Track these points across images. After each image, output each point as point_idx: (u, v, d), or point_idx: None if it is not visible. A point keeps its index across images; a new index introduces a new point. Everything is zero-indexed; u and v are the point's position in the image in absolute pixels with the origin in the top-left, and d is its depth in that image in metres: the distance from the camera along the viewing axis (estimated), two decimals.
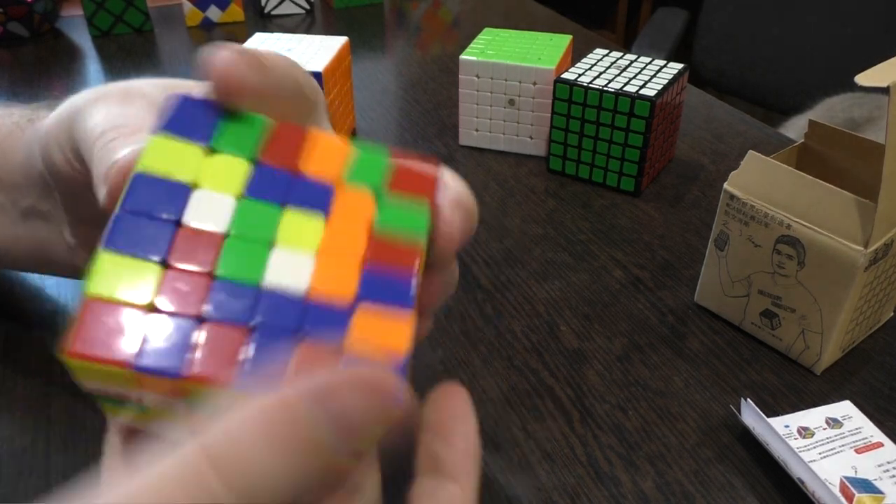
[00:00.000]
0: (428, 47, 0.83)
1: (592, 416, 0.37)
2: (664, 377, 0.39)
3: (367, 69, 0.77)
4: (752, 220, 0.38)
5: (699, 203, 0.54)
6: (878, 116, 0.91)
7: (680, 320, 0.43)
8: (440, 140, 0.63)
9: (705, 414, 0.37)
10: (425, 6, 0.96)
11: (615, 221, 0.52)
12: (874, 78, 0.32)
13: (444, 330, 0.42)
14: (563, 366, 0.40)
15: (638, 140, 0.52)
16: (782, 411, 0.37)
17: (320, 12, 0.95)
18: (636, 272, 0.47)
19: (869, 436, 0.34)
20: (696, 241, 0.50)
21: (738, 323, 0.42)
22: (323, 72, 0.54)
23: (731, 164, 0.58)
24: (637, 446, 0.35)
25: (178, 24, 0.90)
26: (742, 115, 0.67)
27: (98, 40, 0.85)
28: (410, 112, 0.68)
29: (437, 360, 0.40)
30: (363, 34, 0.87)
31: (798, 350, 0.39)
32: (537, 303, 0.44)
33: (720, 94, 1.31)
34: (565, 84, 0.53)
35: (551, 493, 0.33)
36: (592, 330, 0.42)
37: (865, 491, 0.32)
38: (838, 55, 1.22)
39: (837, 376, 0.39)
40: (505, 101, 0.58)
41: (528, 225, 0.52)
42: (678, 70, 0.54)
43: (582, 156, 0.55)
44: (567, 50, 0.59)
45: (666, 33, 1.32)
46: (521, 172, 0.58)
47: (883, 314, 0.41)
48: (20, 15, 0.83)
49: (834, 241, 0.35)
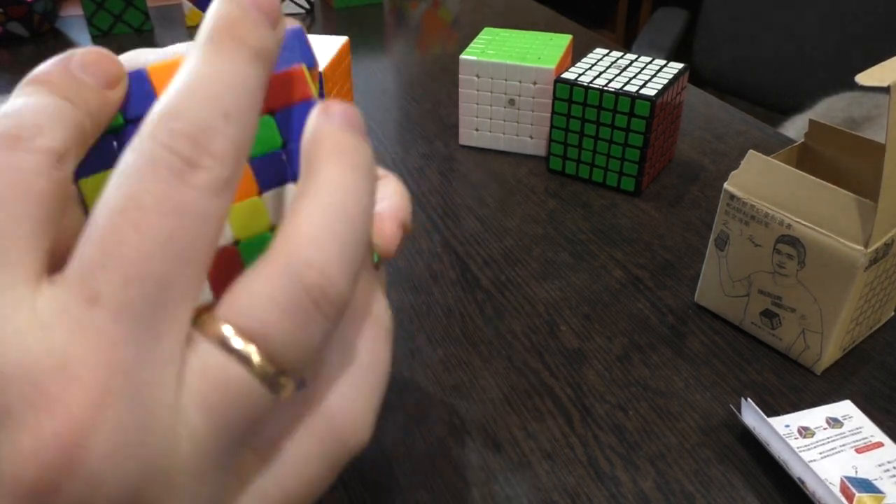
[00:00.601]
0: (428, 47, 0.83)
1: (592, 416, 0.37)
2: (664, 377, 0.39)
3: (367, 69, 0.77)
4: (752, 220, 0.38)
5: (699, 203, 0.54)
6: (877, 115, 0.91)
7: (680, 320, 0.43)
8: (440, 140, 0.63)
9: (705, 414, 0.37)
10: (425, 6, 0.96)
11: (615, 221, 0.52)
12: (874, 77, 0.32)
13: (444, 330, 0.42)
14: (563, 366, 0.40)
15: (638, 140, 0.52)
16: (782, 411, 0.37)
17: (320, 12, 0.95)
18: (636, 272, 0.47)
19: (869, 436, 0.34)
20: (696, 241, 0.50)
21: (738, 323, 0.42)
22: (323, 72, 0.54)
23: (731, 164, 0.58)
24: (637, 446, 0.35)
25: (178, 24, 0.90)
26: (742, 115, 0.67)
27: (98, 40, 0.85)
28: (410, 112, 0.68)
29: (437, 360, 0.40)
30: (363, 34, 0.87)
31: (798, 350, 0.39)
32: (537, 303, 0.44)
33: (720, 94, 1.31)
34: (565, 84, 0.53)
35: (551, 493, 0.33)
36: (592, 330, 0.42)
37: (866, 491, 0.32)
38: (838, 55, 1.22)
39: (837, 376, 0.39)
40: (505, 101, 0.58)
41: (528, 225, 0.52)
42: (678, 70, 0.54)
43: (582, 156, 0.55)
44: (567, 50, 0.59)
45: (666, 33, 1.32)
46: (521, 172, 0.58)
47: (883, 314, 0.41)
48: (20, 15, 0.83)
49: (834, 241, 0.35)
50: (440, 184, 0.57)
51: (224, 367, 0.16)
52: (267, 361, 0.16)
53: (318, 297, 0.17)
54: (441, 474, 0.34)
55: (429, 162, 0.60)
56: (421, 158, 0.60)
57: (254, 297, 0.16)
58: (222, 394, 0.16)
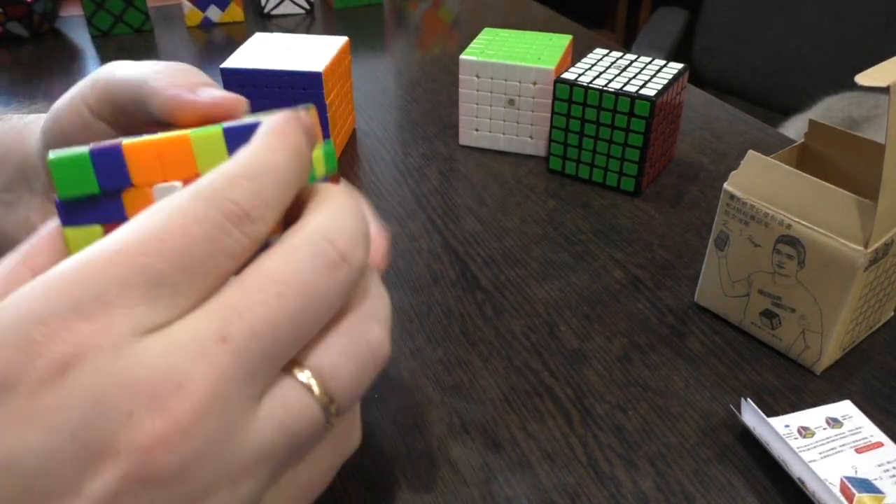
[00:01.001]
0: (428, 47, 0.83)
1: (592, 416, 0.37)
2: (664, 377, 0.39)
3: (367, 69, 0.77)
4: (752, 220, 0.38)
5: (699, 203, 0.54)
6: (877, 115, 0.91)
7: (680, 320, 0.43)
8: (440, 140, 0.63)
9: (705, 414, 0.37)
10: (425, 6, 0.96)
11: (615, 221, 0.52)
12: (874, 77, 0.32)
13: (444, 330, 0.42)
14: (562, 366, 0.40)
15: (638, 140, 0.52)
16: (782, 411, 0.37)
17: (320, 12, 0.95)
18: (636, 272, 0.47)
19: (869, 435, 0.34)
20: (696, 241, 0.50)
21: (738, 323, 0.42)
22: (323, 72, 0.54)
23: (731, 164, 0.58)
24: (637, 446, 0.35)
25: (177, 24, 0.90)
26: (742, 115, 0.67)
27: (98, 40, 0.85)
28: (410, 112, 0.68)
29: (437, 360, 0.40)
30: (363, 34, 0.87)
31: (798, 350, 0.39)
32: (537, 303, 0.44)
33: (720, 94, 1.31)
34: (565, 84, 0.53)
35: (551, 493, 0.33)
36: (592, 330, 0.42)
37: (865, 491, 0.32)
38: (838, 55, 1.22)
39: (837, 376, 0.39)
40: (505, 101, 0.58)
41: (528, 225, 0.52)
42: (678, 70, 0.54)
43: (582, 156, 0.55)
44: (567, 50, 0.59)
45: (666, 33, 1.32)
46: (521, 172, 0.58)
47: (883, 314, 0.41)
48: (20, 15, 0.83)
49: (834, 241, 0.35)
50: (440, 184, 0.57)
51: (301, 401, 0.20)
52: (330, 401, 0.21)
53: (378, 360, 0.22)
54: (441, 474, 0.34)
55: (429, 162, 0.60)
56: (421, 158, 0.60)
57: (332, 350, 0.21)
58: (295, 422, 0.20)
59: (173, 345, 0.18)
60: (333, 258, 0.20)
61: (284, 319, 0.19)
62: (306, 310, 0.20)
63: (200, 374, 0.18)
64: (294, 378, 0.21)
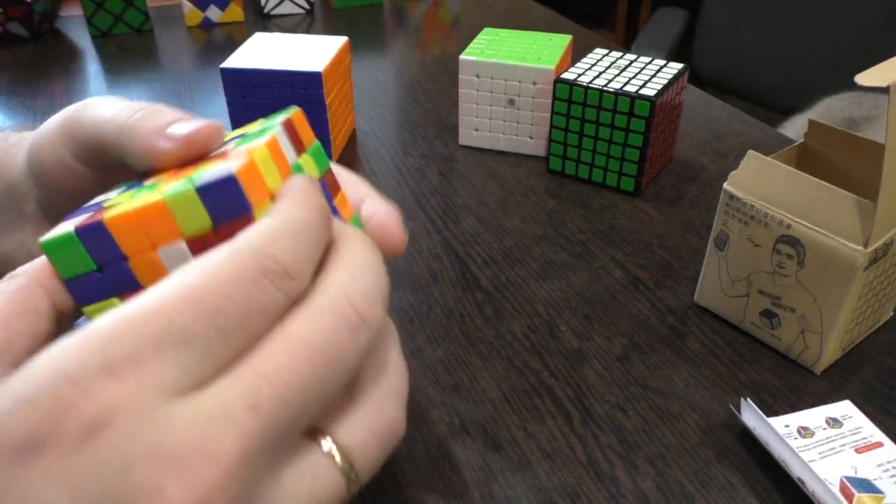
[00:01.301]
0: (428, 47, 0.83)
1: (592, 416, 0.37)
2: (664, 377, 0.39)
3: (367, 69, 0.77)
4: (751, 220, 0.38)
5: (699, 203, 0.54)
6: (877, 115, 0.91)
7: (680, 320, 0.43)
8: (440, 140, 0.63)
9: (705, 414, 0.37)
10: (425, 6, 0.96)
11: (615, 221, 0.52)
12: (874, 77, 0.32)
13: (444, 330, 0.42)
14: (562, 366, 0.40)
15: (638, 140, 0.52)
16: (782, 411, 0.37)
17: (320, 12, 0.95)
18: (636, 272, 0.47)
19: (869, 435, 0.34)
20: (696, 241, 0.50)
21: (738, 323, 0.42)
22: (323, 72, 0.54)
23: (731, 164, 0.58)
24: (637, 446, 0.35)
25: (177, 24, 0.90)
26: (742, 115, 0.67)
27: (98, 40, 0.85)
28: (410, 112, 0.68)
29: (437, 360, 0.40)
30: (363, 34, 0.87)
31: (798, 350, 0.39)
32: (537, 303, 0.44)
33: (720, 94, 1.31)
34: (565, 84, 0.53)
35: (551, 493, 0.33)
36: (592, 330, 0.42)
37: (865, 491, 0.32)
38: (838, 55, 1.22)
39: (837, 376, 0.39)
40: (505, 101, 0.58)
41: (528, 225, 0.52)
42: (678, 70, 0.54)
43: (582, 156, 0.55)
44: (567, 50, 0.59)
45: (666, 33, 1.32)
46: (520, 172, 0.58)
47: (883, 314, 0.41)
48: (20, 15, 0.83)
49: (834, 241, 0.35)
50: (440, 184, 0.57)
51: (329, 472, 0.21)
52: (355, 473, 0.22)
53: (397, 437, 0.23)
54: (441, 474, 0.34)
55: (429, 162, 0.60)
56: (421, 158, 0.60)
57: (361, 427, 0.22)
58: (324, 492, 0.21)
59: (204, 412, 0.18)
60: (355, 321, 0.21)
61: (312, 386, 0.20)
62: (331, 374, 0.20)
63: (231, 445, 0.18)
64: (319, 447, 0.21)
